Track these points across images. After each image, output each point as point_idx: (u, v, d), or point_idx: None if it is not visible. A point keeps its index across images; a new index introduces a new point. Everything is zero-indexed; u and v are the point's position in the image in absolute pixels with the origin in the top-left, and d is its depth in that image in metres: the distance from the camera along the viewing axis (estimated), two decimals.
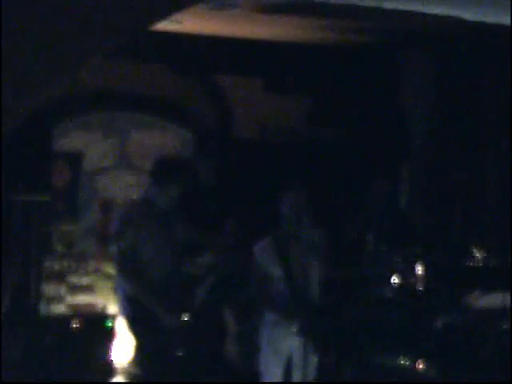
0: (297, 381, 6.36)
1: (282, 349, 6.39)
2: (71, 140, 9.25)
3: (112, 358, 7.58)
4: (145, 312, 6.34)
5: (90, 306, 9.17)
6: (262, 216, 8.78)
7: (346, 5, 7.21)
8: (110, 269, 8.30)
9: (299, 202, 6.38)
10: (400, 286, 7.89)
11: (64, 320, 8.61)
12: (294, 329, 6.23)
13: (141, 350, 6.47)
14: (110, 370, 7.56)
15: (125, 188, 9.34)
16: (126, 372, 7.25)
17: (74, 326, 8.43)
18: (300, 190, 6.55)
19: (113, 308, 8.36)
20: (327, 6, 7.18)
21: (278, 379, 6.42)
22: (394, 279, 7.88)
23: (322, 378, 6.60)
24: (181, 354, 6.93)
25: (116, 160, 9.42)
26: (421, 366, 6.98)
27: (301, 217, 6.35)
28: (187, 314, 6.78)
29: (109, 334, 7.81)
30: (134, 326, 6.47)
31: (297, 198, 6.41)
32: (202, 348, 7.55)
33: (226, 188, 8.66)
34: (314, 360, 6.36)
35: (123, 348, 7.30)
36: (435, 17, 7.31)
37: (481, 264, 8.21)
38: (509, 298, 6.84)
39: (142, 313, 6.35)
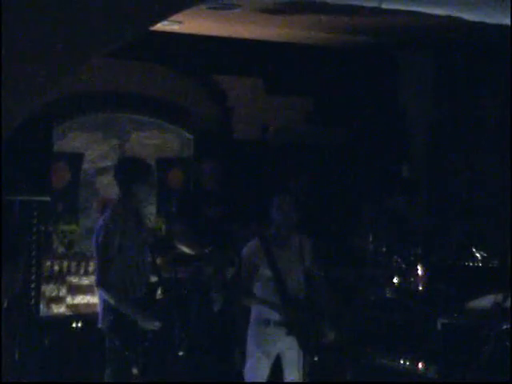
0: (296, 381, 6.35)
1: (272, 349, 6.36)
2: (71, 140, 9.24)
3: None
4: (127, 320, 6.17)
5: (90, 306, 9.15)
6: (262, 217, 8.79)
7: (345, 5, 7.21)
8: None
9: (288, 204, 6.38)
10: (400, 286, 7.90)
11: (64, 320, 8.60)
12: (285, 329, 6.20)
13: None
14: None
15: None
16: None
17: (75, 326, 8.43)
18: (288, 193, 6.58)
19: None
20: (327, 5, 7.17)
21: (268, 379, 6.39)
22: (395, 280, 7.89)
23: (321, 378, 6.59)
24: (181, 353, 6.92)
25: (116, 160, 9.40)
26: (421, 367, 6.98)
27: (289, 218, 6.36)
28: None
29: None
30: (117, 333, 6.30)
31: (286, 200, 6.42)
32: (202, 349, 7.55)
33: (226, 189, 8.65)
34: (308, 361, 6.31)
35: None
36: (435, 17, 7.31)
37: (481, 265, 8.22)
38: (508, 298, 6.84)
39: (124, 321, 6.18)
